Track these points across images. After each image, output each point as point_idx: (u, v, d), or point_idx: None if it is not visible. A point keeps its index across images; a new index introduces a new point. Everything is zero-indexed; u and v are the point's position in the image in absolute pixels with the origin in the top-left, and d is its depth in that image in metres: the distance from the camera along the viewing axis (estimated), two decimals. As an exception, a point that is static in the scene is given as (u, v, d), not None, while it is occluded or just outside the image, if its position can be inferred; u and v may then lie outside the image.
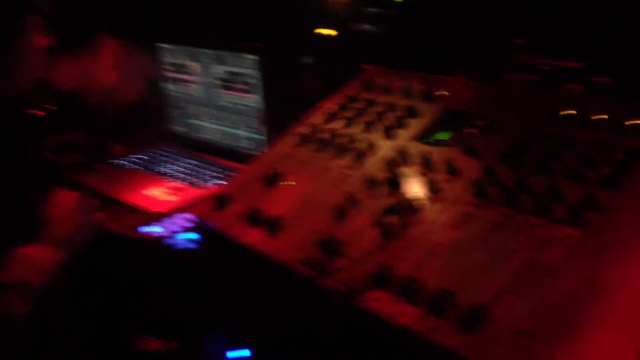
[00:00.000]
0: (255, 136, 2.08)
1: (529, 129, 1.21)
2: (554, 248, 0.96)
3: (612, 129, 1.13)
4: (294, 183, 1.38)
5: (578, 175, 1.06)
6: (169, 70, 2.35)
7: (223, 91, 2.15)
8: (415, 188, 1.21)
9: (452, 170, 1.21)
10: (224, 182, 1.83)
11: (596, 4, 1.63)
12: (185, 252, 1.57)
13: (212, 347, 1.47)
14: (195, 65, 2.23)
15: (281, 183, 1.40)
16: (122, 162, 2.22)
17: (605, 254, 0.94)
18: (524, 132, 1.21)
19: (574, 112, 1.21)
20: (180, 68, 2.29)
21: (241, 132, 2.13)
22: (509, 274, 0.95)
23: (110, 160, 2.24)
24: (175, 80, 2.34)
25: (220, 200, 1.40)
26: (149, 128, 2.47)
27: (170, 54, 2.31)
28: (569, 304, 0.89)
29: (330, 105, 1.60)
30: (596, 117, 1.17)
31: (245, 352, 1.44)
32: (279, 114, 2.04)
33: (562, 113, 1.21)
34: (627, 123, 1.12)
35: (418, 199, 1.16)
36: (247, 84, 2.05)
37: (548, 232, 1.00)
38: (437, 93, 1.46)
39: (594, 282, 0.93)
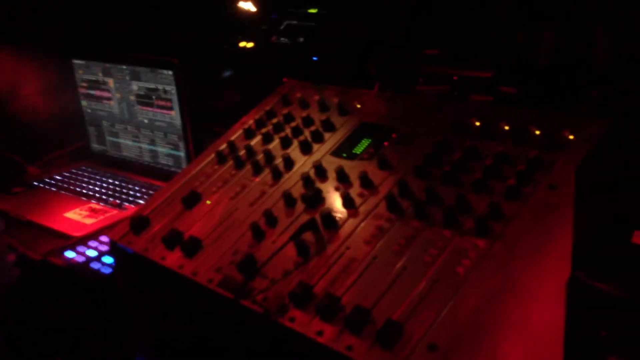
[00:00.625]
0: (175, 153, 2.05)
1: (438, 140, 1.24)
2: (464, 260, 0.99)
3: (516, 140, 1.17)
4: (209, 202, 1.37)
5: (484, 186, 1.09)
6: (85, 87, 2.28)
7: (141, 107, 2.11)
8: (331, 203, 1.22)
9: (367, 184, 1.23)
10: (144, 202, 1.79)
11: (504, 15, 1.70)
12: (104, 276, 1.53)
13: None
14: (110, 81, 2.17)
15: (199, 203, 1.38)
16: (39, 184, 2.14)
17: (511, 263, 0.98)
18: (434, 143, 1.24)
19: (480, 123, 1.25)
20: (96, 84, 2.23)
21: (160, 149, 2.09)
22: (423, 288, 0.97)
23: (26, 182, 2.15)
24: (92, 97, 2.28)
25: (137, 224, 1.36)
26: (66, 147, 2.39)
27: (85, 69, 2.25)
28: (479, 317, 0.92)
29: (248, 121, 1.59)
30: (501, 127, 1.22)
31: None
32: (198, 130, 2.02)
33: (469, 124, 1.25)
34: (529, 133, 1.17)
35: (334, 215, 1.17)
36: (164, 99, 2.02)
37: (458, 243, 1.02)
38: (352, 106, 1.48)
39: (502, 292, 0.96)
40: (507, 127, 1.21)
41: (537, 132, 1.17)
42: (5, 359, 1.77)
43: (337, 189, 1.26)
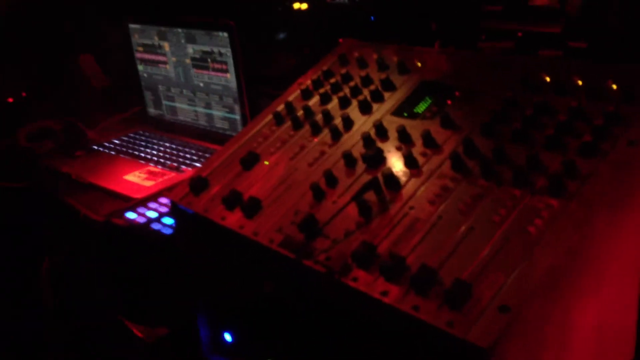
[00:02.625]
0: (231, 116, 2.04)
1: (506, 97, 1.18)
2: (536, 219, 0.94)
3: (591, 95, 1.11)
4: (267, 163, 1.35)
5: (557, 143, 1.04)
6: (141, 51, 2.29)
7: (196, 71, 2.10)
8: (393, 163, 1.19)
9: (430, 143, 1.19)
10: (201, 165, 1.80)
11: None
12: (165, 237, 1.54)
13: (201, 331, 1.46)
14: (166, 45, 2.17)
15: (258, 164, 1.37)
16: (99, 148, 2.18)
17: (587, 223, 0.93)
18: (502, 100, 1.18)
19: (551, 78, 1.19)
20: (152, 48, 2.23)
21: (216, 113, 2.09)
22: (491, 248, 0.94)
23: (87, 147, 2.19)
24: (148, 62, 2.29)
25: (196, 184, 1.36)
26: (124, 112, 2.42)
27: (140, 34, 2.25)
28: (553, 278, 0.88)
29: (306, 81, 1.56)
30: (574, 82, 1.15)
31: (228, 336, 1.43)
32: (254, 93, 2.00)
33: (539, 80, 1.19)
34: (605, 88, 1.10)
35: (396, 175, 1.14)
36: (219, 62, 2.01)
37: (529, 203, 0.98)
38: (412, 65, 1.43)
39: (578, 254, 0.92)
40: (580, 82, 1.15)
41: (614, 87, 1.10)
42: (69, 318, 1.82)
43: (398, 148, 1.22)
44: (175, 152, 2.05)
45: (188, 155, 2.00)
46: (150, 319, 1.62)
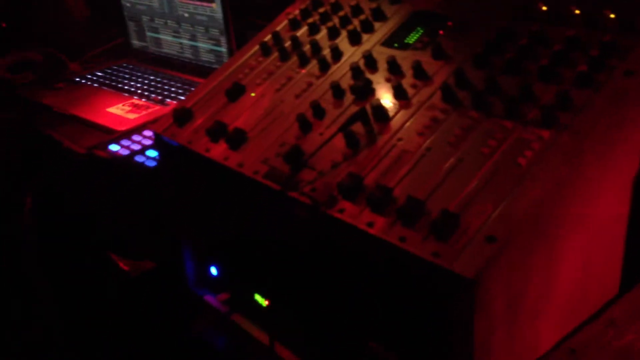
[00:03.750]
0: (217, 48, 1.98)
1: (500, 27, 1.14)
2: (526, 151, 0.92)
3: (588, 24, 1.07)
4: (254, 95, 1.32)
5: (551, 74, 1.01)
6: (123, -20, 2.21)
7: (180, 0, 2.03)
8: (382, 94, 1.16)
9: (421, 75, 1.15)
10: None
11: None
12: (149, 169, 1.51)
13: (187, 264, 1.45)
14: (149, -27, 2.09)
15: (243, 95, 1.33)
16: (81, 80, 2.12)
17: (579, 155, 0.91)
18: (495, 30, 1.14)
19: (547, 7, 1.14)
20: (135, -23, 2.15)
21: (202, 45, 2.02)
22: (480, 179, 0.92)
23: (68, 78, 2.13)
24: (130, -9, 2.20)
25: (180, 115, 1.33)
26: (107, 44, 2.35)
27: (122, -39, 2.16)
28: (541, 209, 0.87)
29: (294, 11, 1.51)
30: (571, 11, 1.11)
31: (214, 270, 1.42)
32: (241, 25, 1.94)
33: (535, 8, 1.15)
34: (603, 17, 1.06)
35: (385, 106, 1.11)
36: (205, -9, 1.94)
37: (520, 134, 0.96)
38: (404, -7, 1.38)
39: (567, 185, 0.90)
40: (577, 11, 1.10)
41: (612, 16, 1.06)
42: (54, 253, 1.81)
43: (388, 79, 1.18)
44: (160, 85, 1.99)
45: (173, 89, 1.95)
46: (136, 252, 1.61)
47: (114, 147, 1.60)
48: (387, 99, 1.14)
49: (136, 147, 1.59)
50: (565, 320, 1.01)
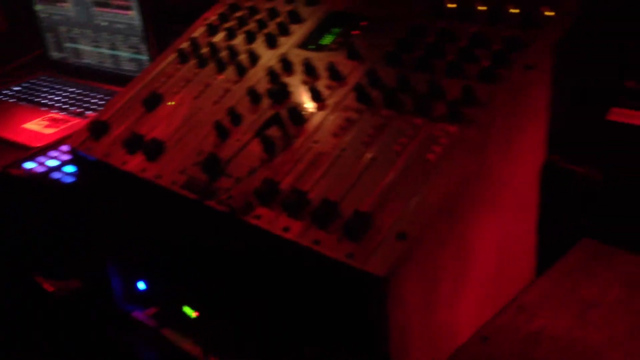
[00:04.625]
0: (138, 57, 1.94)
1: (411, 25, 1.16)
2: (435, 147, 0.94)
3: (492, 20, 1.10)
4: (174, 103, 1.30)
5: (458, 70, 1.03)
6: (37, -9, 2.14)
7: (97, 9, 1.98)
8: (298, 97, 1.15)
9: (335, 76, 1.16)
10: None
11: None
12: (66, 185, 1.47)
13: (113, 281, 1.42)
14: (63, -18, 2.03)
15: (161, 105, 1.31)
16: (-3, 95, 2.04)
17: (484, 148, 0.93)
18: (406, 28, 1.16)
19: (456, 4, 1.17)
20: (49, -13, 2.08)
21: (122, 54, 1.98)
22: (392, 177, 0.93)
23: (-16, 95, 2.05)
24: (46, 0, 2.13)
25: (96, 128, 1.29)
26: (24, 56, 2.27)
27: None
28: (450, 203, 0.88)
29: (210, 16, 1.50)
30: (477, 8, 1.14)
31: (142, 284, 1.39)
32: (162, 31, 1.90)
33: (444, 6, 1.17)
34: (506, 13, 1.09)
35: (301, 109, 1.11)
36: (122, -1, 1.89)
37: (429, 131, 0.97)
38: (319, -5, 1.38)
39: (474, 178, 0.92)
40: (483, 7, 1.13)
41: (515, 11, 1.09)
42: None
43: (304, 82, 1.18)
44: (80, 97, 1.94)
45: (94, 101, 1.90)
46: (61, 272, 1.56)
47: (29, 165, 1.55)
48: (302, 102, 1.14)
49: (53, 163, 1.54)
50: (483, 309, 1.03)
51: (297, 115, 1.10)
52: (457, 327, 0.99)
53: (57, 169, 1.52)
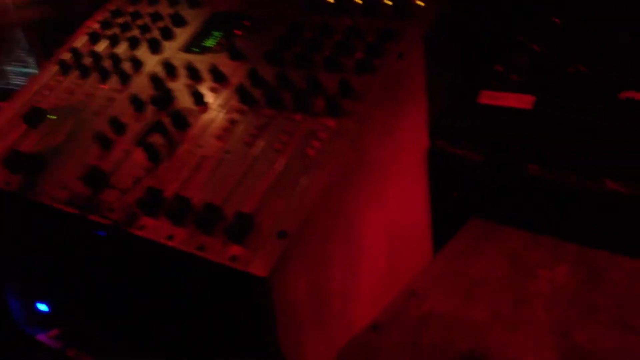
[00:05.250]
0: (27, 70, 1.86)
1: (291, 22, 1.16)
2: (314, 141, 0.94)
3: (367, 12, 1.12)
4: (55, 117, 1.25)
5: (335, 63, 1.04)
6: None
7: (-23, 24, 1.89)
8: (182, 102, 1.14)
9: (219, 77, 1.15)
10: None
11: None
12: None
13: (14, 304, 1.36)
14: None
15: (44, 119, 1.26)
16: None
17: (363, 139, 0.94)
18: (286, 25, 1.16)
19: (332, -1, 1.18)
20: None
21: (10, 68, 1.90)
22: (274, 176, 0.93)
23: None
24: None
25: (-26, 149, 1.23)
26: None
27: None
28: (331, 196, 0.89)
29: (93, 25, 1.45)
30: (353, 0, 1.15)
31: (42, 306, 1.34)
32: (50, 41, 1.83)
33: (320, 1, 1.18)
34: (379, 4, 1.11)
35: (185, 114, 1.09)
36: (2, 12, 1.81)
37: (309, 126, 0.98)
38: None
39: (355, 170, 0.93)
40: (359, 0, 1.14)
41: (388, 2, 1.11)
42: None
43: (188, 86, 1.17)
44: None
45: (-18, 119, 1.80)
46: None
47: None
48: (186, 106, 1.12)
49: None
50: (381, 298, 1.04)
51: (181, 120, 1.09)
52: (356, 319, 1.00)
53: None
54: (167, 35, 1.31)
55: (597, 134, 0.89)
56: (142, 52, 1.30)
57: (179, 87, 1.17)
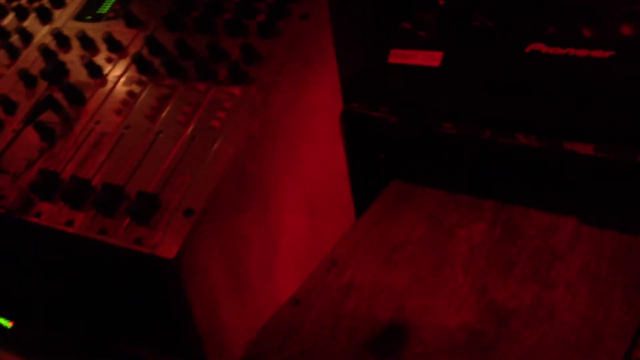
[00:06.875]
0: None
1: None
2: (219, 112, 0.89)
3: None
4: None
5: (238, 27, 0.98)
6: None
7: None
8: (76, 75, 1.05)
9: (115, 47, 1.07)
10: None
11: None
12: None
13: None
14: None
15: None
16: None
17: (269, 107, 0.90)
18: (183, -12, 1.09)
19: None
20: None
21: None
22: (178, 151, 0.87)
23: None
24: None
25: None
26: None
27: None
28: (237, 168, 0.84)
29: (-27, -6, 1.32)
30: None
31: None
32: None
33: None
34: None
35: (80, 87, 1.01)
36: None
37: (213, 95, 0.92)
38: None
39: (262, 139, 0.89)
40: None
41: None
42: None
43: (82, 57, 1.08)
44: None
45: None
46: None
47: None
48: (81, 79, 1.04)
49: None
50: (304, 270, 1.01)
51: (76, 94, 1.01)
52: (279, 294, 0.97)
53: None
54: (58, 3, 1.21)
55: (506, 89, 0.88)
56: (31, 23, 1.20)
57: (73, 59, 1.09)
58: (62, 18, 1.19)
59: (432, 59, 0.93)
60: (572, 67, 0.86)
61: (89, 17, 1.17)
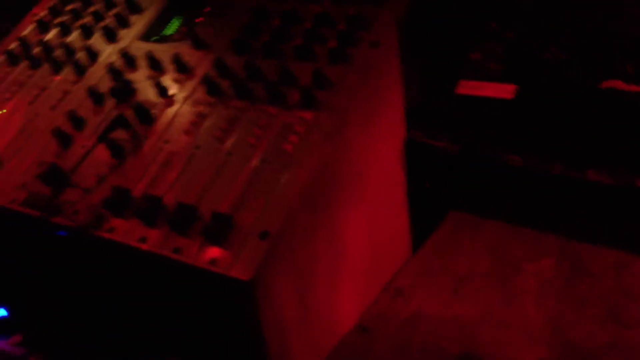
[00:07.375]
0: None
1: (255, 7, 1.11)
2: (291, 136, 0.91)
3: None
4: (5, 111, 1.17)
5: (307, 52, 1.00)
6: None
7: None
8: (144, 94, 1.08)
9: (182, 68, 1.09)
10: None
11: None
12: None
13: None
14: None
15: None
16: None
17: (341, 131, 0.91)
18: (250, 12, 1.11)
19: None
20: None
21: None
22: (250, 173, 0.89)
23: None
24: None
25: None
26: None
27: None
28: (311, 192, 0.86)
29: (40, 12, 1.37)
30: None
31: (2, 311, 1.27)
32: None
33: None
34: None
35: (148, 107, 1.04)
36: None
37: (284, 119, 0.94)
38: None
39: (334, 164, 0.90)
40: (324, -14, 1.10)
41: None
42: None
43: (149, 77, 1.11)
44: None
45: None
46: None
47: None
48: (149, 99, 1.06)
49: None
50: (365, 297, 1.02)
51: (145, 113, 1.03)
52: (340, 319, 0.98)
53: None
54: (123, 22, 1.25)
55: (579, 124, 0.89)
56: (97, 41, 1.24)
57: (140, 79, 1.11)
58: (127, 38, 1.22)
59: (504, 91, 0.94)
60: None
61: (155, 38, 1.19)
